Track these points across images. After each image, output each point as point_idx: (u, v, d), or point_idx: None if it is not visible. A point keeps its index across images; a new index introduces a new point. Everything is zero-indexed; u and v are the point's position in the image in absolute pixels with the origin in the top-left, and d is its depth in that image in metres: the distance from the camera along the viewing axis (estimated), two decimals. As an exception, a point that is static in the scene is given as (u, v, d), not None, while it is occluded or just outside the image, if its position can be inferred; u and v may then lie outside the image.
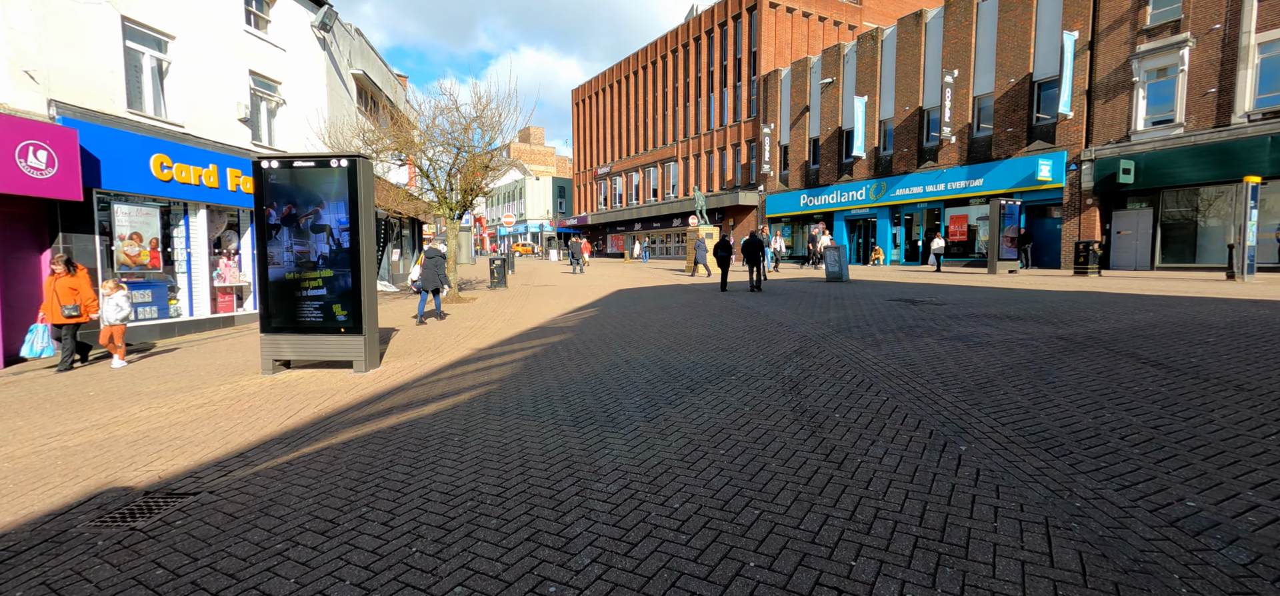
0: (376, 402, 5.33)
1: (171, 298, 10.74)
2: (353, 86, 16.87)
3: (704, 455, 3.61)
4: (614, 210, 49.08)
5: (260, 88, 12.86)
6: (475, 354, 7.66)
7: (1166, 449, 3.35)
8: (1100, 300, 10.07)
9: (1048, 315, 8.44)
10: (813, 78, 30.03)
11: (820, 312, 9.86)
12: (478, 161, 14.13)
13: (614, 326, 9.35)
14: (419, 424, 4.57)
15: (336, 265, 6.67)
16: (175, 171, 10.30)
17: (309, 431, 4.53)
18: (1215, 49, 16.42)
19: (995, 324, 7.87)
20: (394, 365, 7.09)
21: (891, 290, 13.40)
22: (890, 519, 2.72)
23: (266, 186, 6.61)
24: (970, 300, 10.72)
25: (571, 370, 6.26)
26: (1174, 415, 3.89)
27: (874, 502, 2.89)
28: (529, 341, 8.42)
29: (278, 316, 6.72)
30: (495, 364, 6.91)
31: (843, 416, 4.23)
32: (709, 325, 8.98)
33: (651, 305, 12.18)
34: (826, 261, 16.75)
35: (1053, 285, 13.58)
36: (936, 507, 2.80)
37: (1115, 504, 2.76)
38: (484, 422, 4.53)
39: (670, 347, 7.26)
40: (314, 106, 13.82)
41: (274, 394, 5.84)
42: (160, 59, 10.68)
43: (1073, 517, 2.66)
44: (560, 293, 16.49)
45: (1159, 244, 18.05)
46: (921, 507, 2.81)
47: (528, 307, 13.03)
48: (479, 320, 11.17)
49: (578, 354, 7.18)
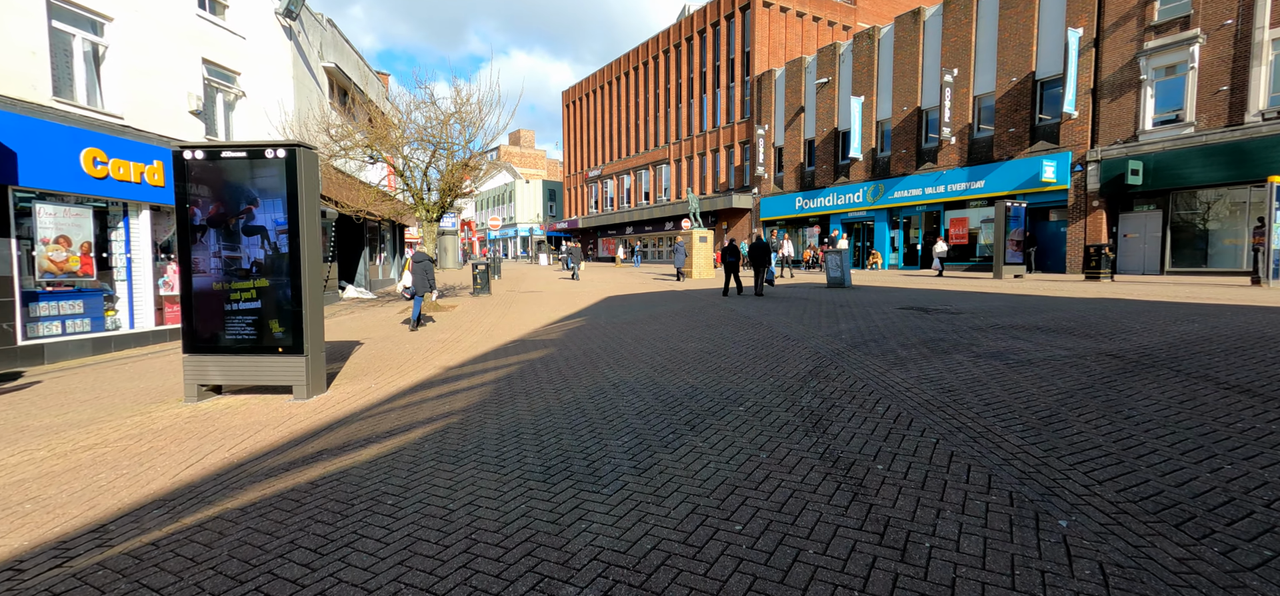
0: (307, 443, 4.35)
1: (109, 308, 9.65)
2: (324, 80, 15.84)
3: (714, 533, 2.69)
4: (605, 213, 48.16)
5: (216, 78, 11.80)
6: (443, 373, 6.69)
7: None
8: (1128, 309, 9.29)
9: (1080, 326, 7.62)
10: (808, 78, 29.34)
11: (829, 323, 8.99)
12: (458, 160, 13.17)
13: (602, 340, 8.41)
14: (349, 477, 3.61)
15: (273, 273, 5.68)
16: (112, 167, 9.24)
17: (205, 488, 3.55)
18: (1227, 45, 15.84)
19: (1026, 337, 7.03)
20: (345, 389, 6.10)
21: (899, 297, 12.59)
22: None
23: (189, 180, 5.61)
24: (988, 308, 9.90)
25: (549, 396, 5.32)
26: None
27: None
28: (506, 358, 7.46)
29: (203, 334, 5.71)
30: (463, 387, 5.95)
31: (887, 468, 3.32)
32: (707, 339, 8.07)
33: (643, 315, 11.26)
34: (828, 265, 15.94)
35: (1067, 291, 12.84)
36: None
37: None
38: (431, 475, 3.57)
39: (665, 367, 6.34)
40: (277, 99, 12.77)
41: (187, 430, 4.84)
42: (95, 43, 9.61)
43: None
44: (546, 300, 15.52)
45: (1169, 247, 17.42)
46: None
47: (510, 317, 12.06)
48: (455, 331, 10.18)
49: (559, 375, 6.24)
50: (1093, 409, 4.20)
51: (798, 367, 5.97)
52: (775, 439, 3.89)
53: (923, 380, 5.24)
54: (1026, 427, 3.89)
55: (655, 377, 5.87)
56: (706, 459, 3.60)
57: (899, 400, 4.64)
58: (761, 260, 14.42)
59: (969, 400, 4.56)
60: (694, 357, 6.77)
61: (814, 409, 4.52)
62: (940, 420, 4.12)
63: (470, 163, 13.64)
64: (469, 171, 13.12)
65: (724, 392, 5.13)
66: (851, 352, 6.62)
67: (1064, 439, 3.64)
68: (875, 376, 5.45)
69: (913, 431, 3.90)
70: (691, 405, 4.80)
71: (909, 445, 3.66)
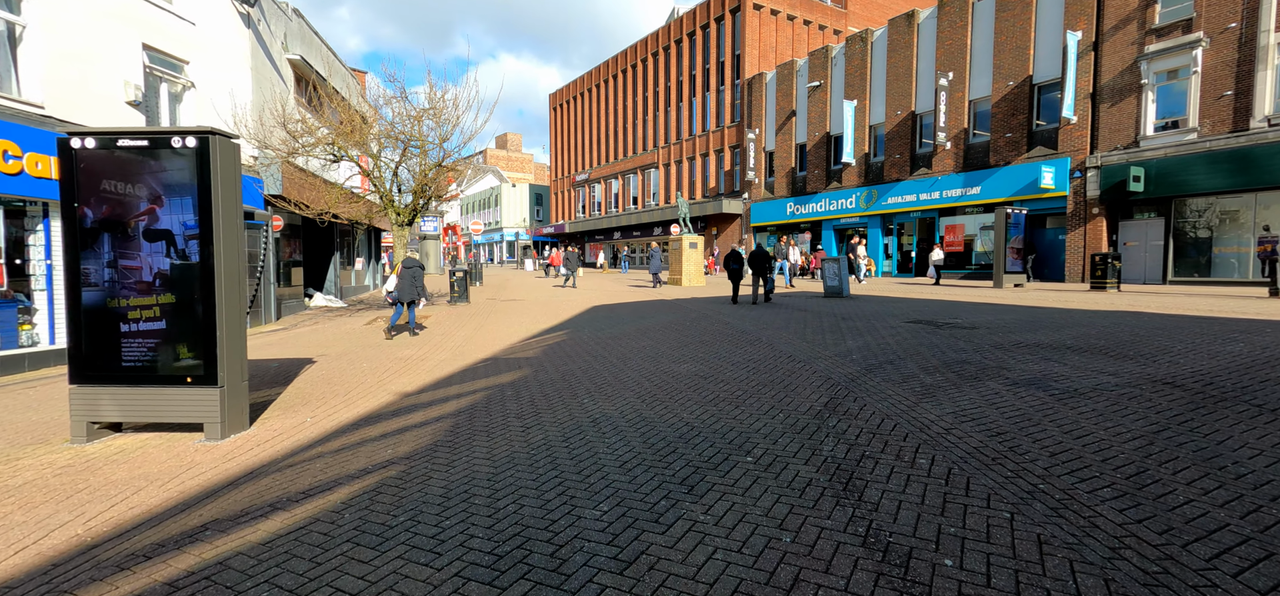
0: (195, 509, 3.38)
1: (23, 322, 8.52)
2: (289, 73, 14.77)
3: (731, 695, 1.79)
4: (593, 218, 47.26)
5: (160, 66, 10.71)
6: (396, 403, 5.73)
7: None
8: (1154, 324, 8.60)
9: (1114, 345, 6.88)
10: (799, 81, 28.77)
11: (834, 340, 8.17)
12: (433, 160, 12.20)
13: (583, 360, 7.50)
14: (228, 571, 2.66)
15: (181, 287, 4.69)
16: (26, 162, 8.14)
17: (22, 591, 2.57)
18: (1231, 49, 15.43)
19: (1058, 358, 6.26)
20: (273, 425, 5.11)
21: (902, 308, 11.83)
22: None
23: (78, 174, 4.61)
24: (1002, 323, 9.16)
25: (515, 439, 4.39)
26: None
27: None
28: (473, 383, 6.51)
29: (96, 359, 4.70)
30: (414, 423, 5.00)
31: (958, 566, 2.45)
32: (702, 358, 7.20)
33: (630, 327, 10.37)
34: (825, 274, 15.18)
35: (1076, 302, 12.19)
36: None
37: None
38: (341, 568, 2.64)
39: (654, 395, 5.45)
40: (230, 91, 11.69)
41: (53, 486, 3.84)
42: (11, 22, 8.52)
43: None
44: (528, 309, 14.56)
45: (1171, 256, 16.95)
46: None
47: (486, 329, 11.10)
48: (423, 347, 9.20)
49: (531, 405, 5.32)
50: (1185, 461, 3.39)
51: (810, 399, 5.11)
52: (798, 508, 3.02)
53: (961, 417, 4.41)
54: (1116, 492, 3.05)
55: (643, 410, 4.97)
56: (711, 544, 2.70)
57: (942, 448, 3.80)
58: (762, 268, 14.06)
59: (1026, 447, 3.73)
60: (688, 383, 5.89)
61: (840, 461, 3.66)
62: (1002, 480, 3.27)
63: (445, 163, 12.67)
64: (454, 175, 12.14)
65: (726, 434, 4.25)
66: (868, 378, 5.79)
67: (1177, 514, 2.81)
68: (903, 411, 4.61)
69: (974, 499, 3.05)
70: (687, 452, 3.91)
71: (976, 523, 2.80)
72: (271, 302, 13.09)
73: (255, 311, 12.69)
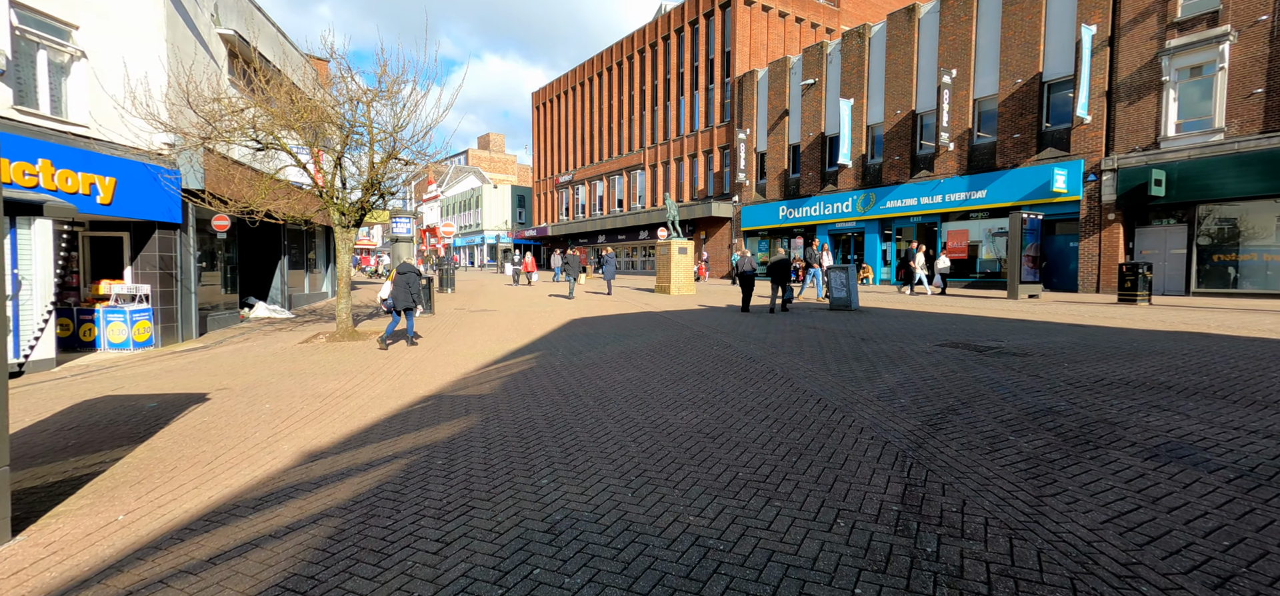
0: None
1: None
2: (221, 50, 12.85)
3: None
4: (576, 221, 45.54)
5: (35, 30, 8.79)
6: (270, 481, 3.98)
7: None
8: (1235, 349, 7.20)
9: (1222, 385, 5.42)
10: (792, 79, 27.45)
11: (864, 372, 6.61)
12: (384, 152, 10.41)
13: (550, 400, 5.82)
14: None
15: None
16: None
17: None
18: (1261, 44, 14.35)
19: (1170, 404, 4.76)
20: (66, 527, 3.35)
21: (923, 325, 10.36)
22: None
23: None
24: (1056, 347, 7.70)
25: (418, 572, 2.71)
26: None
27: None
28: (397, 439, 4.79)
29: None
30: (281, 525, 3.28)
31: None
32: (705, 401, 5.57)
33: (612, 351, 8.71)
34: (831, 284, 13.71)
35: (1115, 318, 10.85)
36: None
37: None
38: None
39: (643, 472, 3.80)
40: (131, 62, 9.78)
41: None
42: None
43: None
44: (497, 323, 12.82)
45: (1194, 266, 15.83)
46: None
47: (442, 350, 9.35)
48: (356, 377, 7.43)
49: (462, 492, 3.63)
50: None
51: (872, 484, 3.50)
52: None
53: (1123, 527, 2.84)
54: None
55: (627, 505, 3.32)
56: None
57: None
58: (781, 277, 13.09)
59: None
60: (689, 447, 4.25)
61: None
62: None
63: (401, 155, 10.88)
64: (392, 160, 10.36)
65: (761, 569, 2.61)
66: (938, 442, 4.21)
67: None
68: (1026, 515, 3.02)
69: None
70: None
71: None
72: (191, 316, 11.16)
73: (171, 329, 10.76)
